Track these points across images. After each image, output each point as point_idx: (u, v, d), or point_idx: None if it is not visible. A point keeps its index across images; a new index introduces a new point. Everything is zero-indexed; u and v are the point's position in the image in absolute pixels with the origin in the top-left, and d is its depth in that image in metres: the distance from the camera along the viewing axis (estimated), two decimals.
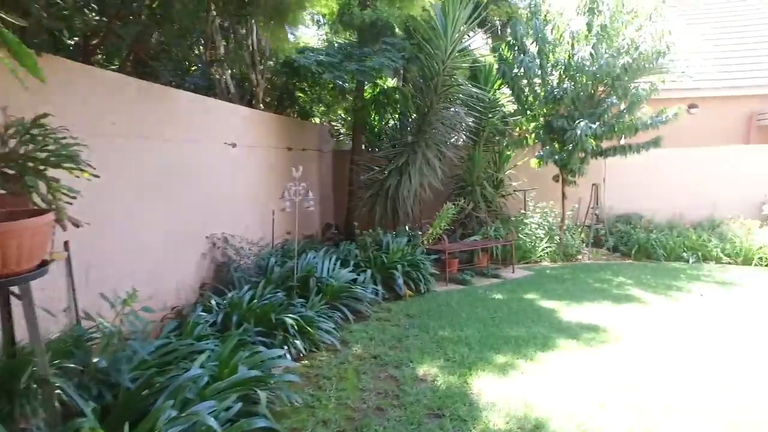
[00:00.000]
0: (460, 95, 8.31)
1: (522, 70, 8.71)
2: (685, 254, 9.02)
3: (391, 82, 10.31)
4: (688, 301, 6.39)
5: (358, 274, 6.35)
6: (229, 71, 8.16)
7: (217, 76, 7.88)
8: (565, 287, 7.05)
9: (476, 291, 6.94)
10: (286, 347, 4.41)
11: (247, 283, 5.42)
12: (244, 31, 7.79)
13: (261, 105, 8.52)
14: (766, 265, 8.60)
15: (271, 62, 8.90)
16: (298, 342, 4.50)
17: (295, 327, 4.54)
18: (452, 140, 8.73)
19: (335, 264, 6.27)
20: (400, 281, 6.49)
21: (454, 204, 8.09)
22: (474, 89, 8.38)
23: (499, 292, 6.82)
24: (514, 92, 9.08)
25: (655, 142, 8.61)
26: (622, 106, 8.68)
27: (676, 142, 11.23)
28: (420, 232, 8.09)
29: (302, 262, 6.11)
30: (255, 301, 4.89)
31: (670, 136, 8.89)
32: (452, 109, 8.48)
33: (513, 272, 8.11)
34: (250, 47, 8.11)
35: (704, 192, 10.81)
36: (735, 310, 5.97)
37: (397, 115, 9.30)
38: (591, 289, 6.95)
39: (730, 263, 8.79)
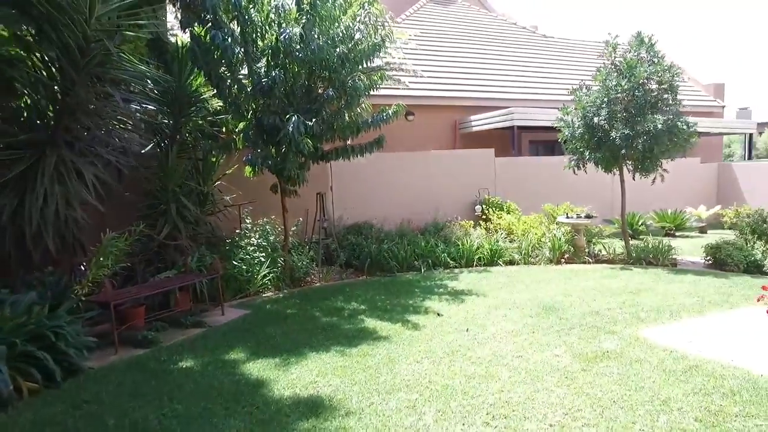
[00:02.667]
0: (128, 78, 5.85)
1: (218, 52, 6.78)
2: (416, 263, 8.48)
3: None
4: (427, 326, 5.37)
5: None
6: None
7: None
8: (285, 330, 5.33)
9: (158, 358, 4.64)
10: None
11: None
12: None
13: None
14: (484, 265, 8.68)
15: None
16: None
17: None
18: (128, 142, 6.18)
19: None
20: (3, 373, 3.76)
21: (130, 231, 5.60)
22: (145, 69, 6.01)
23: (192, 356, 4.67)
24: (213, 81, 7.07)
25: (378, 142, 7.75)
26: (342, 103, 7.55)
27: (397, 147, 11.02)
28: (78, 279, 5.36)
29: None
30: None
31: (391, 142, 8.26)
32: (132, 101, 6.01)
33: (223, 314, 6.07)
34: None
35: (427, 196, 10.83)
36: (475, 331, 5.17)
37: (28, 101, 6.07)
38: (318, 328, 5.39)
39: (456, 266, 8.64)
